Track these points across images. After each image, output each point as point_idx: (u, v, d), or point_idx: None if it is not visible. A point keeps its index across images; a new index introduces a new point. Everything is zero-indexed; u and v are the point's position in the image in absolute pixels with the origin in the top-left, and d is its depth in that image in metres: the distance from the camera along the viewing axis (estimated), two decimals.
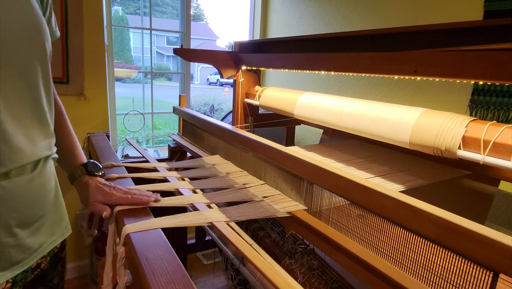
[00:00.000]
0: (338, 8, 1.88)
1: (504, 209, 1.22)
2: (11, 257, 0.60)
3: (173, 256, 0.56)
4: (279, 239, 1.03)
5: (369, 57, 0.86)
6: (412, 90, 1.52)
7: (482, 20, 1.12)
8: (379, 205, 0.61)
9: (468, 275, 0.50)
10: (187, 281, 0.50)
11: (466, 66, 0.66)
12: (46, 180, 0.68)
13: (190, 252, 2.14)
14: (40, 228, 0.66)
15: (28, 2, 0.58)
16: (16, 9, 0.56)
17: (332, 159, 1.03)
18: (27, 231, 0.63)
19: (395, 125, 0.82)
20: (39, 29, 0.60)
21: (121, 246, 0.62)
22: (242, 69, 1.42)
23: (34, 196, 0.63)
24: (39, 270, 0.68)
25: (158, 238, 0.62)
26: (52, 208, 0.70)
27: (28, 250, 0.63)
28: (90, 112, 1.91)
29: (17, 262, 0.61)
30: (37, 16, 0.60)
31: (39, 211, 0.65)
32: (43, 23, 0.61)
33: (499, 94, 1.19)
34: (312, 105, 1.09)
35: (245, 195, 0.87)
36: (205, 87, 13.40)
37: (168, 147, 1.62)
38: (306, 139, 2.17)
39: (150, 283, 0.49)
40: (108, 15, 1.96)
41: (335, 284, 0.84)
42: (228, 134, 1.14)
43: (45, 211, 0.67)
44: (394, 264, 0.61)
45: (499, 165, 0.64)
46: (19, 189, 0.59)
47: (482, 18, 1.25)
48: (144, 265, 0.53)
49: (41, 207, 0.66)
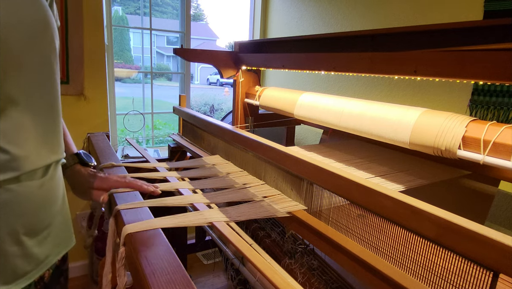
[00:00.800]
0: (338, 8, 1.88)
1: (504, 209, 1.22)
2: (17, 269, 0.56)
3: (173, 256, 0.56)
4: (279, 239, 1.03)
5: (369, 57, 0.86)
6: (412, 90, 1.52)
7: (482, 20, 1.12)
8: (379, 205, 0.61)
9: (468, 275, 0.50)
10: (187, 281, 0.50)
11: (466, 66, 0.66)
12: (56, 185, 0.64)
13: (190, 252, 2.14)
14: (47, 238, 0.62)
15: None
16: (26, 3, 0.52)
17: (332, 159, 1.03)
18: (35, 240, 0.58)
19: (395, 125, 0.82)
20: (47, 24, 0.56)
21: (121, 246, 0.62)
22: (242, 69, 1.42)
23: (43, 201, 0.60)
24: (42, 283, 0.63)
25: (158, 238, 0.62)
26: (59, 216, 0.66)
27: (35, 260, 0.59)
28: (90, 112, 1.91)
29: (22, 274, 0.57)
30: (46, 9, 0.56)
31: (46, 218, 0.61)
32: (52, 17, 0.58)
33: (499, 94, 1.19)
34: (312, 105, 1.09)
35: (245, 195, 0.87)
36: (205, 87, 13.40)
37: (168, 147, 1.62)
38: (306, 139, 2.17)
39: (150, 283, 0.49)
40: (108, 15, 1.95)
41: (335, 284, 0.84)
42: (228, 134, 1.14)
43: (52, 219, 0.63)
44: (394, 264, 0.61)
45: (499, 165, 0.64)
46: (28, 193, 0.56)
47: (482, 18, 1.25)
48: (144, 265, 0.53)
49: (48, 214, 0.62)
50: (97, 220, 0.88)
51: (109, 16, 1.97)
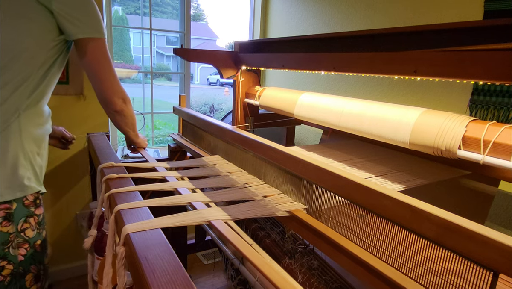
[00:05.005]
0: (338, 8, 1.88)
1: (504, 209, 1.22)
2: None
3: (173, 256, 0.57)
4: (279, 239, 1.03)
5: (369, 57, 0.86)
6: (412, 90, 1.52)
7: (482, 20, 1.11)
8: (379, 205, 0.61)
9: (468, 275, 0.50)
10: (187, 281, 0.50)
11: (466, 66, 0.66)
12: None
13: (190, 252, 2.14)
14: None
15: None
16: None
17: (332, 159, 1.03)
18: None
19: (395, 125, 0.82)
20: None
21: (121, 246, 0.62)
22: (242, 69, 1.42)
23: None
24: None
25: (158, 238, 0.62)
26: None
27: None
28: (90, 112, 1.91)
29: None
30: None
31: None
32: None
33: (499, 94, 1.19)
34: (312, 105, 1.09)
35: (245, 194, 0.87)
36: (205, 87, 13.40)
37: (168, 146, 1.62)
38: (306, 139, 2.17)
39: (150, 283, 0.49)
40: (108, 15, 1.96)
41: (335, 284, 0.84)
42: (228, 134, 1.14)
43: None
44: (394, 264, 0.61)
45: (499, 165, 0.64)
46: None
47: (482, 18, 1.25)
48: (144, 265, 0.53)
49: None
50: (97, 220, 0.89)
51: (109, 16, 1.97)
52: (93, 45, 1.01)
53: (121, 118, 1.15)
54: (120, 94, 1.10)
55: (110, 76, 1.06)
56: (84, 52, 1.01)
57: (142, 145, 1.32)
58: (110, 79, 1.06)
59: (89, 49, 1.00)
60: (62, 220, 1.99)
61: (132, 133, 1.24)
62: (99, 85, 1.06)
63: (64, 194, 1.97)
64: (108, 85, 1.07)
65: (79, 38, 0.98)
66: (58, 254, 1.99)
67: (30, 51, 0.94)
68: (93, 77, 1.06)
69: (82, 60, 1.03)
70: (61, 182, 1.94)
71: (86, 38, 0.99)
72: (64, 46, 1.02)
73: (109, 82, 1.06)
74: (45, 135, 1.06)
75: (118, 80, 1.10)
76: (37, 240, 1.03)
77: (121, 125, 1.18)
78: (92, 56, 1.01)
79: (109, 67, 1.05)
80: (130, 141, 1.30)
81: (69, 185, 1.98)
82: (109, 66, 1.05)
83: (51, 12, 0.94)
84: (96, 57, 1.02)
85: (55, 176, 1.90)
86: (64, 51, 1.03)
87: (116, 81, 1.09)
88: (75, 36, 0.98)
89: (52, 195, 1.92)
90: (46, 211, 1.87)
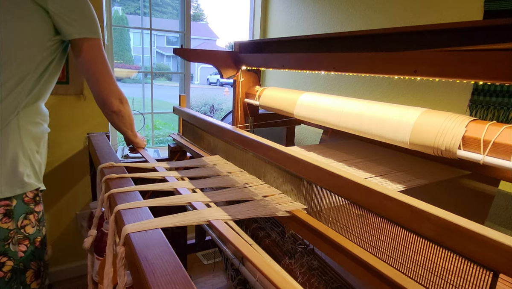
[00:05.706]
0: (338, 8, 1.88)
1: (504, 209, 1.22)
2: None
3: (173, 256, 0.57)
4: (279, 239, 1.03)
5: (369, 57, 0.86)
6: (412, 90, 1.52)
7: (482, 20, 1.11)
8: (379, 205, 0.61)
9: (468, 275, 0.50)
10: (187, 281, 0.50)
11: (466, 66, 0.66)
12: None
13: (190, 252, 2.14)
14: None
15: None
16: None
17: (332, 159, 1.03)
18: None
19: (395, 125, 0.82)
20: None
21: (121, 246, 0.62)
22: (242, 69, 1.42)
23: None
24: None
25: (158, 238, 0.62)
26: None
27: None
28: (90, 112, 1.91)
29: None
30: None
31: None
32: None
33: (499, 94, 1.19)
34: (312, 105, 1.09)
35: (245, 194, 0.87)
36: (205, 87, 13.41)
37: (168, 146, 1.62)
38: (306, 139, 2.17)
39: (150, 283, 0.49)
40: (108, 15, 1.95)
41: (335, 284, 0.84)
42: (228, 134, 1.14)
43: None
44: (394, 264, 0.61)
45: (499, 165, 0.64)
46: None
47: (482, 18, 1.25)
48: (144, 265, 0.53)
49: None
50: (97, 220, 0.89)
51: (109, 16, 1.97)
52: (89, 45, 1.01)
53: (119, 118, 1.15)
54: (116, 94, 1.10)
55: (107, 77, 1.06)
56: (80, 52, 1.01)
57: (140, 145, 1.32)
58: (106, 80, 1.06)
59: (84, 49, 1.00)
60: (62, 220, 1.99)
61: (130, 133, 1.25)
62: (95, 86, 1.06)
63: (64, 194, 1.97)
64: (104, 86, 1.06)
65: (75, 38, 0.98)
66: (58, 254, 1.99)
67: (27, 51, 0.94)
68: (90, 78, 1.06)
69: (78, 61, 1.03)
70: (61, 182, 1.94)
71: (82, 38, 0.99)
72: (60, 47, 1.02)
73: (105, 82, 1.06)
74: (44, 134, 1.06)
75: (115, 81, 1.10)
76: (37, 236, 1.04)
77: (119, 126, 1.19)
78: (88, 57, 1.01)
79: (106, 68, 1.05)
80: (129, 142, 1.30)
81: (69, 185, 1.98)
82: (105, 66, 1.05)
83: (47, 12, 0.94)
84: (92, 58, 1.02)
85: (55, 176, 1.90)
86: (61, 51, 1.03)
87: (113, 81, 1.08)
88: (71, 36, 0.98)
89: (52, 195, 1.92)
90: (46, 211, 1.87)
